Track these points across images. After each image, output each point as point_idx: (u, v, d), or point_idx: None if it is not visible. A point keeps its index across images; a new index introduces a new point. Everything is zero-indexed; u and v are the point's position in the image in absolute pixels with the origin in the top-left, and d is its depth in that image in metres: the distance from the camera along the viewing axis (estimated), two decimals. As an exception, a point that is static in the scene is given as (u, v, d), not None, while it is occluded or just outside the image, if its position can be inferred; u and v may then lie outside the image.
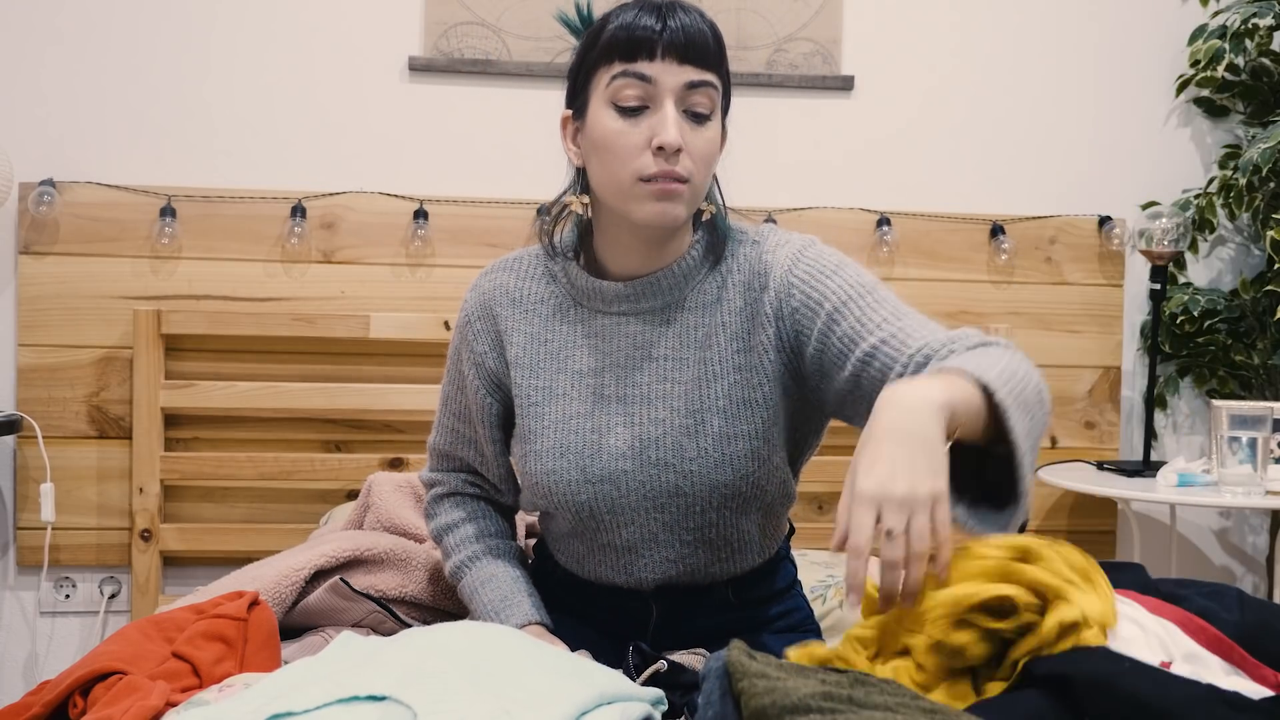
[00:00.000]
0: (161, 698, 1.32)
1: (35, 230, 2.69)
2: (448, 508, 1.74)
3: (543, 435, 1.56)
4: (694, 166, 1.46)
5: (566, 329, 1.58)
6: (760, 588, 1.65)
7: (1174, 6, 3.03)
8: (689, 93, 1.45)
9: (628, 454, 1.53)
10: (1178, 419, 3.09)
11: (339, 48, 2.81)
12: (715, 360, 1.52)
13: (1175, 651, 1.11)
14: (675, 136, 1.43)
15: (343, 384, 2.73)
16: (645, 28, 1.44)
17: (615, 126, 1.46)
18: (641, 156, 1.44)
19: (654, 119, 1.44)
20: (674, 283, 1.54)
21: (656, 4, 1.46)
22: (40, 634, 2.78)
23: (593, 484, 1.54)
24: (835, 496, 2.90)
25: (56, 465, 2.70)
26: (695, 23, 1.46)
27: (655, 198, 1.45)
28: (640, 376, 1.54)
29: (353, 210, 2.79)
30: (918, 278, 2.92)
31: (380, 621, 1.86)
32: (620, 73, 1.45)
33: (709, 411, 1.51)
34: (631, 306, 1.54)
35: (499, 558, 1.68)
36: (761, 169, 2.86)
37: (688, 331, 1.53)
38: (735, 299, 1.53)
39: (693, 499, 1.53)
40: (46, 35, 2.73)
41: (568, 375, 1.56)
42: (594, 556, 1.61)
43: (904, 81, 2.96)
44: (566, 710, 1.11)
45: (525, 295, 1.60)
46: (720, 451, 1.51)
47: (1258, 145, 2.76)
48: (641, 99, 1.45)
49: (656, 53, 1.44)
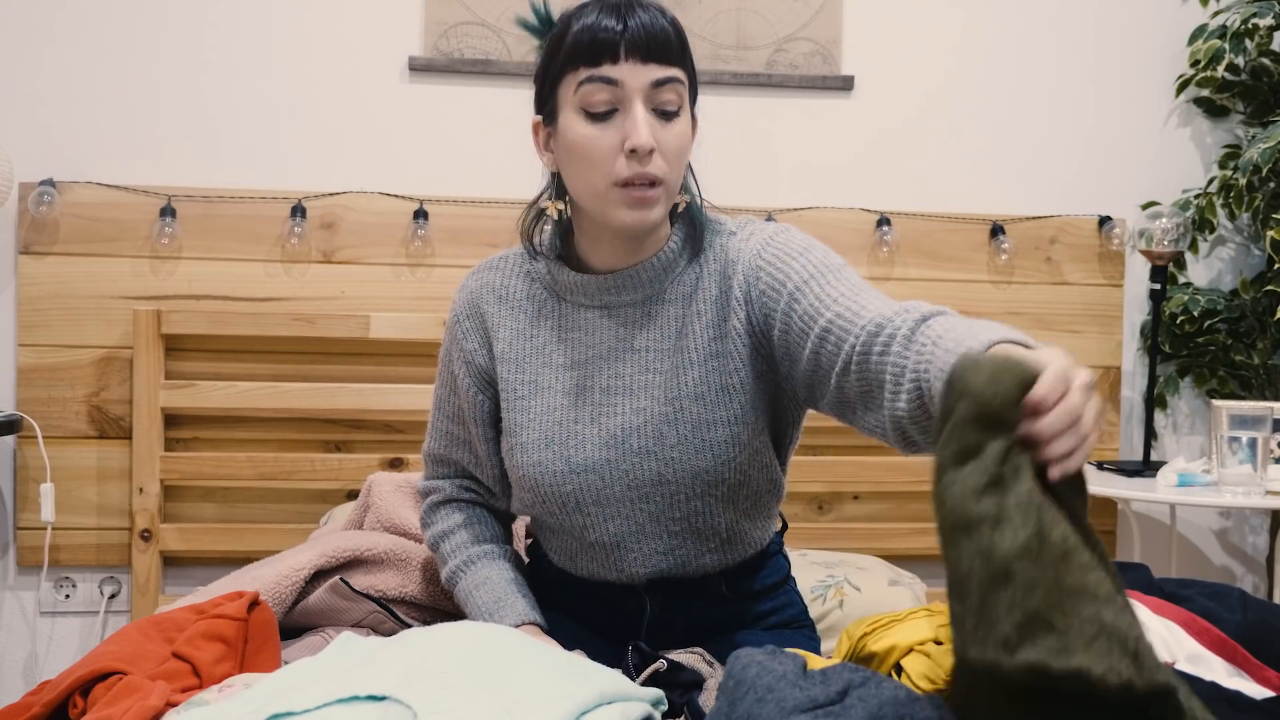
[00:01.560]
0: (161, 698, 1.32)
1: (35, 230, 2.69)
2: (443, 514, 1.73)
3: (527, 428, 1.58)
4: (667, 165, 1.47)
5: (550, 324, 1.60)
6: (753, 581, 1.66)
7: (1174, 6, 3.03)
8: (656, 91, 1.46)
9: (610, 443, 1.54)
10: (1178, 419, 3.09)
11: (339, 48, 2.81)
12: (691, 349, 1.54)
13: (1179, 651, 1.11)
14: (646, 138, 1.44)
15: (343, 384, 2.73)
16: (607, 29, 1.44)
17: (586, 132, 1.46)
18: (615, 161, 1.45)
19: (624, 121, 1.45)
20: (653, 275, 1.55)
21: (615, 3, 1.46)
22: (40, 634, 2.79)
23: (577, 474, 1.55)
24: (835, 496, 2.90)
25: (56, 465, 2.70)
26: (655, 19, 1.46)
27: (630, 205, 1.47)
28: (621, 368, 1.55)
29: (353, 210, 2.79)
30: (918, 278, 2.92)
31: (380, 621, 1.86)
32: (586, 78, 1.45)
33: (686, 398, 1.53)
34: (613, 299, 1.56)
35: (494, 560, 1.68)
36: (761, 169, 2.87)
37: (667, 323, 1.55)
38: (711, 288, 1.54)
39: (675, 487, 1.54)
40: (46, 35, 2.73)
41: (551, 369, 1.59)
42: (585, 554, 1.62)
43: (904, 81, 2.96)
44: (567, 709, 1.11)
45: (510, 293, 1.63)
46: (699, 438, 1.52)
47: (1258, 145, 2.76)
48: (610, 102, 1.46)
49: (620, 54, 1.44)
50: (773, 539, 1.70)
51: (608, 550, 1.59)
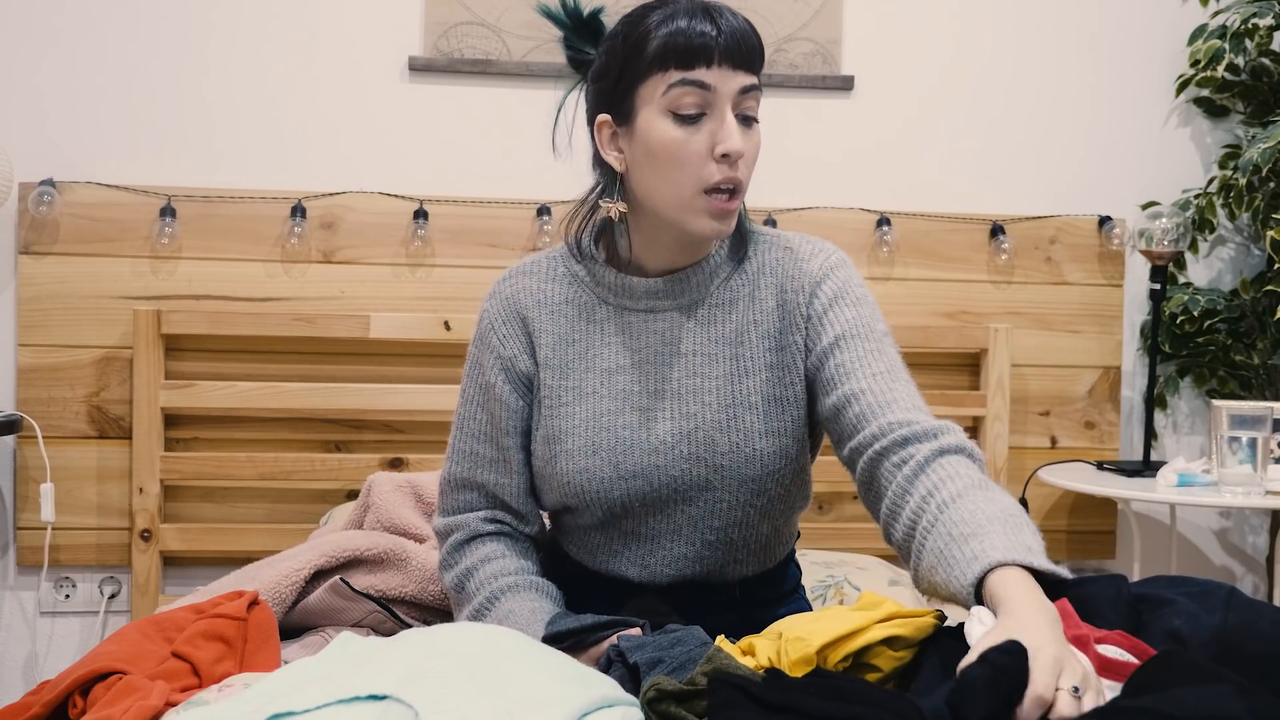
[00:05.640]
0: (161, 697, 1.32)
1: (35, 230, 2.69)
2: (467, 553, 1.62)
3: (573, 434, 1.55)
4: (746, 171, 1.49)
5: (594, 328, 1.57)
6: (767, 589, 1.65)
7: (1174, 6, 3.03)
8: (743, 98, 1.48)
9: (660, 449, 1.53)
10: (1178, 419, 3.09)
11: (339, 48, 2.81)
12: (748, 357, 1.54)
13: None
14: (740, 143, 1.46)
15: (343, 384, 2.73)
16: (702, 34, 1.44)
17: (676, 135, 1.46)
18: (705, 165, 1.46)
19: (714, 126, 1.46)
20: (702, 279, 1.56)
21: (702, 6, 1.46)
22: (40, 634, 2.79)
23: (625, 480, 1.53)
24: (835, 496, 2.90)
25: (56, 465, 2.70)
26: (743, 26, 1.48)
27: (713, 215, 1.48)
28: (670, 372, 1.55)
29: (353, 210, 2.79)
30: (918, 278, 2.92)
31: (380, 621, 1.86)
32: (679, 80, 1.45)
33: (742, 407, 1.53)
34: (660, 303, 1.56)
35: (521, 592, 1.57)
36: (762, 169, 2.83)
37: (716, 327, 1.55)
38: (768, 299, 1.56)
39: (720, 494, 1.53)
40: (46, 35, 2.73)
41: (596, 374, 1.56)
42: (612, 547, 1.59)
43: (904, 81, 2.96)
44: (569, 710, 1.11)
45: (549, 297, 1.59)
46: (751, 447, 1.52)
47: (1258, 145, 2.76)
48: (700, 105, 1.46)
49: (714, 60, 1.45)
50: (789, 547, 1.70)
51: (639, 543, 1.57)
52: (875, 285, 2.90)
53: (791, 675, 1.16)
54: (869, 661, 1.21)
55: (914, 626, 1.22)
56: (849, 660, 1.20)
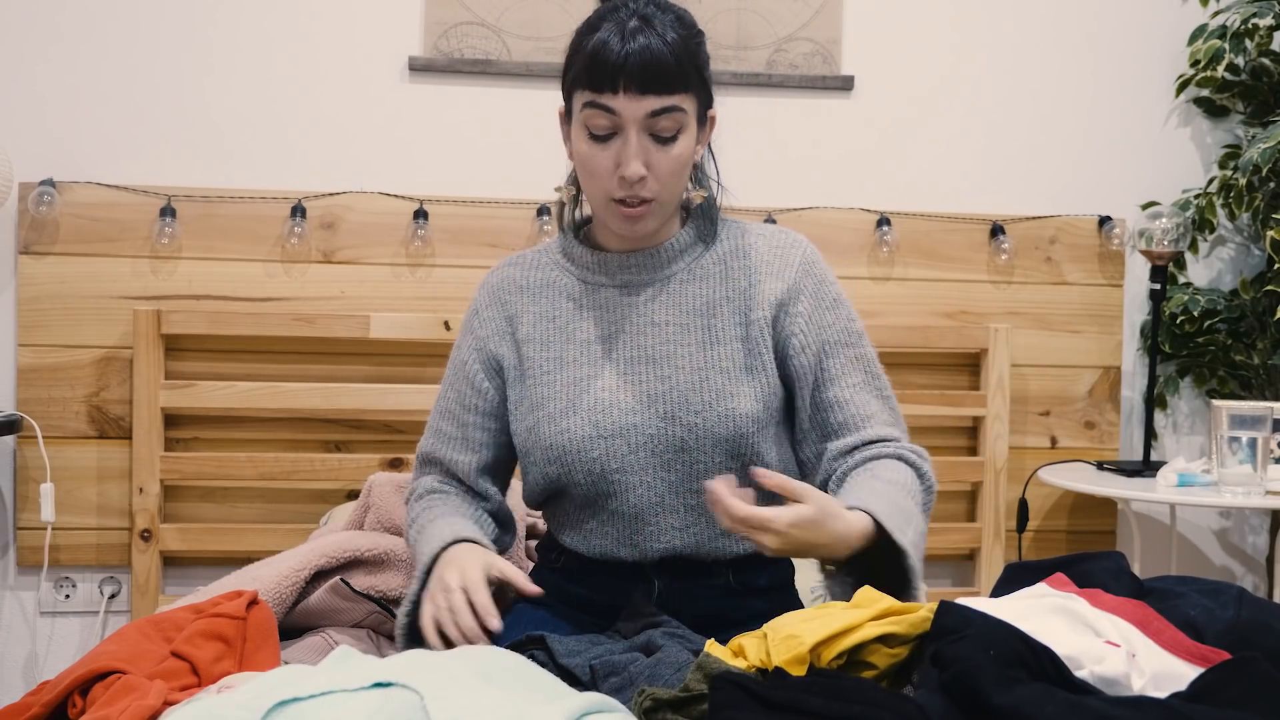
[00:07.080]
0: (160, 697, 1.32)
1: (35, 230, 2.69)
2: (419, 496, 1.74)
3: (554, 399, 1.63)
4: (660, 185, 1.57)
5: (573, 305, 1.67)
6: (759, 577, 1.68)
7: (1174, 6, 3.03)
8: (653, 120, 1.55)
9: (636, 408, 1.61)
10: (1178, 419, 3.09)
11: (339, 48, 2.81)
12: (719, 328, 1.63)
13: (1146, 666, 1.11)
14: (635, 170, 1.54)
15: (343, 384, 2.73)
16: (608, 56, 1.52)
17: (586, 150, 1.57)
18: (611, 179, 1.56)
19: (620, 145, 1.55)
20: (669, 258, 1.66)
21: (625, 19, 1.53)
22: (40, 634, 2.78)
23: (604, 439, 1.60)
24: (835, 496, 2.90)
25: (56, 465, 2.70)
26: (656, 45, 1.52)
27: (622, 219, 1.59)
28: (644, 340, 1.63)
29: (353, 210, 2.79)
30: (918, 278, 2.92)
31: (380, 622, 1.87)
32: (589, 102, 1.55)
33: (714, 370, 1.61)
34: (631, 278, 1.66)
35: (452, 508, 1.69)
36: (761, 169, 2.86)
37: (688, 300, 1.65)
38: (740, 279, 1.65)
39: (697, 454, 1.60)
40: (47, 35, 2.73)
41: (575, 344, 1.65)
42: (601, 528, 1.64)
43: (904, 81, 2.96)
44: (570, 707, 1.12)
45: (532, 282, 1.70)
46: (724, 406, 1.60)
47: (1258, 145, 2.76)
48: (609, 127, 1.55)
49: (618, 86, 1.52)
50: None
51: (626, 521, 1.62)
52: (875, 285, 2.90)
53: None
54: (864, 659, 1.21)
55: (909, 623, 1.22)
56: (843, 658, 1.20)
